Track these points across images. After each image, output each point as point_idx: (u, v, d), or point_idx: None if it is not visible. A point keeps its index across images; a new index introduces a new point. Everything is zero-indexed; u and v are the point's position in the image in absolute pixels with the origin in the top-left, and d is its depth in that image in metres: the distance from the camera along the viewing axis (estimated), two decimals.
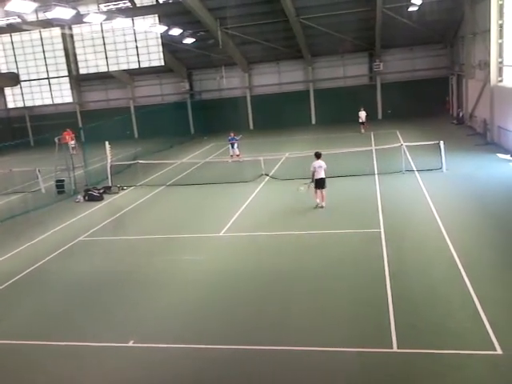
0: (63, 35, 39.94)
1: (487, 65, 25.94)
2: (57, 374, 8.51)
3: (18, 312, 11.02)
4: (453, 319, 8.85)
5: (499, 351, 7.74)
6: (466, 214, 14.68)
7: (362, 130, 32.87)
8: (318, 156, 16.75)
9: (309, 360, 8.12)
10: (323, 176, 16.52)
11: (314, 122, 41.38)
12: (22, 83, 43.34)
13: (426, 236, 13.12)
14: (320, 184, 16.56)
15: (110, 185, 22.99)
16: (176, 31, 34.09)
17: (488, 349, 7.84)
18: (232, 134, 27.69)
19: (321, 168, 16.51)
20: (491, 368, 7.45)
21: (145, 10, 33.19)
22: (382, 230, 13.80)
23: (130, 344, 9.06)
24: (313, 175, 16.62)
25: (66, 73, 42.75)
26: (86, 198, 21.25)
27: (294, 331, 9.04)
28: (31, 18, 35.68)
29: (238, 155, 27.38)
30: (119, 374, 8.28)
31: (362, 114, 33.15)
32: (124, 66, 40.55)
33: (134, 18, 33.18)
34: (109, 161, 23.99)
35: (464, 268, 10.80)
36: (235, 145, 27.52)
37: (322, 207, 16.54)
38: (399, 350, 8.06)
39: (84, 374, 8.36)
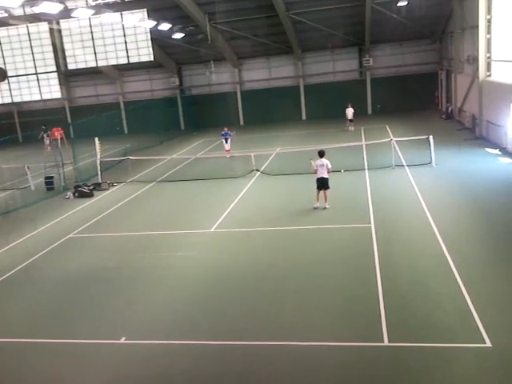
0: (51, 30, 39.49)
1: (476, 60, 26.10)
2: (48, 371, 8.48)
3: (9, 310, 10.95)
4: (443, 313, 8.93)
5: (488, 344, 7.83)
6: (455, 208, 14.80)
7: (351, 128, 32.17)
8: (321, 155, 15.85)
9: (300, 355, 8.16)
10: (325, 176, 15.64)
11: (304, 117, 41.42)
12: (10, 79, 42.80)
13: (416, 230, 13.21)
14: (321, 184, 15.74)
15: (100, 181, 22.87)
16: (165, 26, 33.91)
17: (478, 342, 7.93)
18: (226, 129, 27.58)
19: (323, 167, 15.64)
20: (481, 361, 7.53)
21: (133, 5, 32.85)
22: (373, 225, 13.87)
23: (122, 341, 9.05)
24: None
25: (55, 68, 42.28)
26: (76, 194, 21.12)
27: (285, 326, 9.07)
28: (18, 12, 35.23)
29: (228, 150, 27.30)
30: (111, 371, 8.26)
31: (350, 111, 32.41)
32: (113, 62, 40.13)
33: (123, 12, 32.89)
34: (98, 157, 23.86)
35: (453, 262, 10.90)
36: (228, 140, 27.42)
37: (324, 208, 15.71)
38: (390, 344, 8.13)
39: (76, 372, 8.33)
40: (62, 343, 9.25)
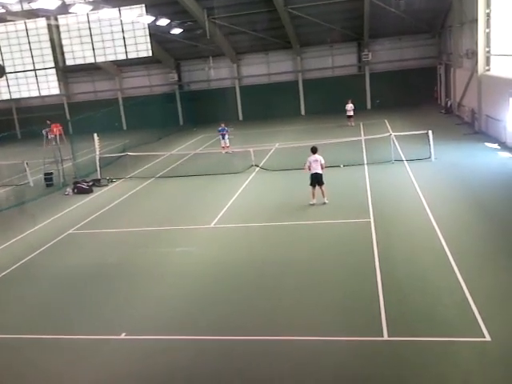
0: (49, 26, 39.36)
1: (475, 54, 26.06)
2: (48, 367, 8.49)
3: (8, 306, 10.97)
4: (442, 307, 8.95)
5: (488, 338, 7.85)
6: (454, 203, 14.80)
7: (351, 123, 31.90)
8: (313, 151, 15.84)
9: (300, 350, 8.18)
10: (319, 171, 15.58)
11: (303, 112, 41.36)
12: (8, 75, 42.66)
13: (416, 225, 13.22)
14: (315, 180, 15.68)
15: (99, 177, 22.85)
16: (163, 21, 33.81)
17: (477, 336, 7.95)
18: (222, 125, 27.56)
19: (316, 162, 15.58)
20: (480, 355, 7.56)
21: (131, 0, 32.80)
22: (372, 220, 13.88)
23: (122, 336, 9.07)
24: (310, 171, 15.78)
25: (53, 64, 42.16)
26: (75, 190, 21.11)
27: (285, 322, 9.08)
28: (16, 8, 35.09)
29: (227, 146, 27.29)
30: (112, 367, 8.27)
31: (349, 107, 32.06)
32: (111, 57, 40.05)
33: (121, 8, 32.79)
34: (97, 153, 23.82)
35: (453, 256, 10.91)
36: (225, 135, 27.39)
37: (324, 203, 15.67)
38: (390, 339, 8.14)
39: (76, 367, 8.34)
40: (61, 339, 9.27)
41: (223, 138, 27.39)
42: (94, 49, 39.48)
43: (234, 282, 10.97)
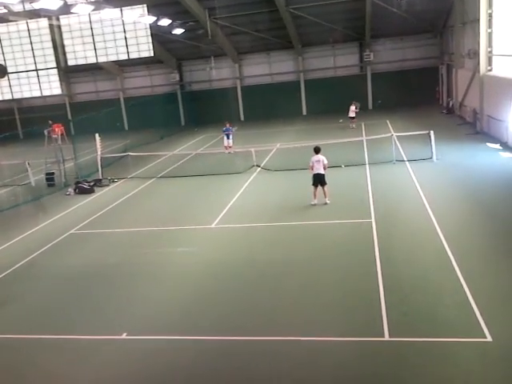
0: (51, 26, 39.37)
1: (476, 54, 26.02)
2: (48, 368, 8.49)
3: (9, 306, 10.96)
4: (443, 307, 8.93)
5: (489, 339, 7.83)
6: (456, 203, 14.78)
7: (353, 125, 31.57)
8: (316, 151, 15.89)
9: (300, 350, 8.16)
10: (321, 172, 15.63)
11: (304, 112, 41.37)
12: (10, 75, 42.67)
13: (417, 225, 13.20)
14: (317, 180, 15.74)
15: (100, 177, 22.87)
16: (165, 22, 33.84)
17: (478, 336, 7.93)
18: (227, 125, 27.48)
19: (319, 162, 15.65)
20: (481, 355, 7.53)
21: (133, 0, 32.80)
22: (373, 220, 13.86)
23: (123, 336, 9.07)
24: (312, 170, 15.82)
25: (55, 64, 42.17)
26: (77, 190, 21.13)
27: (286, 322, 9.08)
28: (18, 8, 35.13)
29: (230, 146, 27.26)
30: (113, 367, 8.27)
31: (351, 109, 31.62)
32: (113, 57, 39.96)
33: (123, 8, 32.80)
34: (99, 153, 23.84)
35: (454, 256, 10.89)
36: (230, 135, 27.33)
37: (325, 204, 15.71)
38: (391, 339, 8.13)
39: (77, 367, 8.34)
40: (62, 339, 9.27)
41: (228, 138, 27.31)
42: (95, 49, 39.42)
43: (235, 282, 10.97)
